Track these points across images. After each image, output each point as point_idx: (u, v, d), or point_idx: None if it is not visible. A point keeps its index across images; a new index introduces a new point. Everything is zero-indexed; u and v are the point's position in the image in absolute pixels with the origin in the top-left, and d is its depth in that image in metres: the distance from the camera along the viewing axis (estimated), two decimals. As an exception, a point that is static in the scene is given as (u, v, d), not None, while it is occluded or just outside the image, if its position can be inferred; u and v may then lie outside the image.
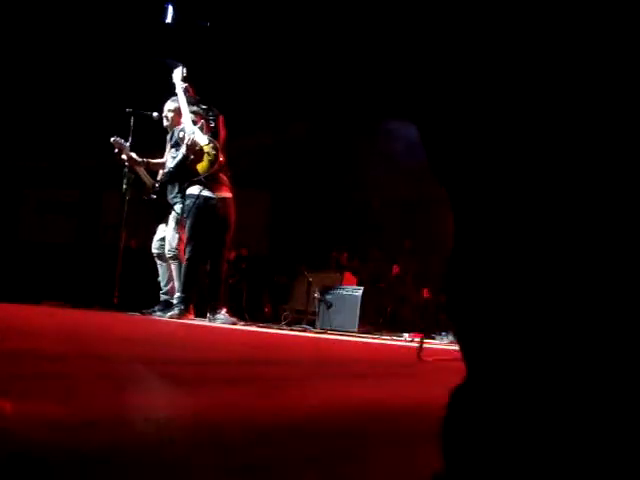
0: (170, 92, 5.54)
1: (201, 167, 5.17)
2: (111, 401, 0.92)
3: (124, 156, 5.55)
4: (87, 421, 0.77)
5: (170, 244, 5.54)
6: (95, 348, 1.92)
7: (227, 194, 5.35)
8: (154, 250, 5.71)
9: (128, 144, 5.57)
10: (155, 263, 5.73)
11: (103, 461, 0.61)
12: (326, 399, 1.22)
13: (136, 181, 5.75)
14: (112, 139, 5.54)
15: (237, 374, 1.56)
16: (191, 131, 5.20)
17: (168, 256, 5.54)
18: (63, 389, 0.99)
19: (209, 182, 5.22)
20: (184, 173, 5.31)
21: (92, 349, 1.87)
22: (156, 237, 5.75)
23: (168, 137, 5.74)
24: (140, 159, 5.65)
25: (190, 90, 5.41)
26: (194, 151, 5.17)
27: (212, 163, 5.15)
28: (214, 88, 8.65)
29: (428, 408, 1.26)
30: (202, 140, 5.15)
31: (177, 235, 5.53)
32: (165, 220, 5.67)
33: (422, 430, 0.99)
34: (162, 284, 5.68)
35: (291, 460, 0.69)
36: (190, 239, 5.25)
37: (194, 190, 5.25)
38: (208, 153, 5.16)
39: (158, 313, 5.32)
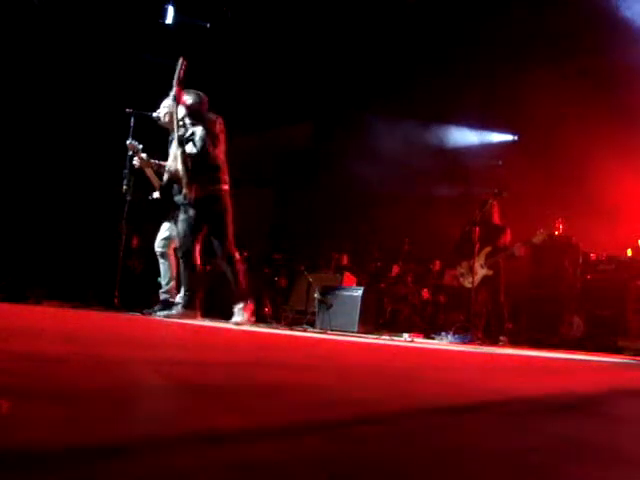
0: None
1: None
2: (112, 401, 0.92)
3: (137, 159, 5.57)
4: (87, 421, 0.77)
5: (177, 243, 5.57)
6: (95, 348, 1.92)
7: (220, 188, 5.33)
8: (157, 248, 5.72)
9: (141, 146, 5.61)
10: (157, 262, 5.75)
11: (103, 461, 0.61)
12: (326, 398, 1.22)
13: (137, 182, 5.76)
14: (128, 142, 5.58)
15: (236, 374, 1.56)
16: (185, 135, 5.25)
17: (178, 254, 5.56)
18: (63, 389, 0.99)
19: (202, 179, 5.23)
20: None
21: (92, 349, 1.87)
22: (160, 236, 5.75)
23: (170, 138, 5.75)
24: (152, 160, 5.69)
25: (180, 96, 5.32)
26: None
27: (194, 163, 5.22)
28: (217, 88, 8.65)
29: (428, 408, 1.26)
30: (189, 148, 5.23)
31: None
32: (168, 218, 5.69)
33: (423, 430, 0.99)
34: (163, 283, 5.69)
35: (292, 460, 0.69)
36: (183, 235, 5.26)
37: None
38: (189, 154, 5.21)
39: (158, 313, 5.32)
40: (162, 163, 5.69)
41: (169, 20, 8.49)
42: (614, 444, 1.04)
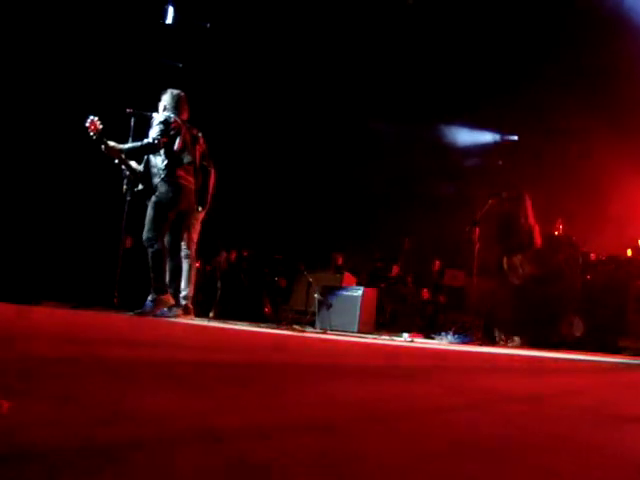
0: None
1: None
2: (111, 401, 0.92)
3: (103, 146, 5.24)
4: (87, 421, 0.77)
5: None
6: (95, 348, 1.92)
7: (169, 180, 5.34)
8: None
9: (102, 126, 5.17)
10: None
11: (103, 461, 0.61)
12: (326, 398, 1.22)
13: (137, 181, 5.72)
14: (89, 119, 5.14)
15: (237, 374, 1.56)
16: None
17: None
18: (63, 389, 0.99)
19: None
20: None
21: (92, 349, 1.87)
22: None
23: None
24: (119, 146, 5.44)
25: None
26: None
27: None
28: (218, 90, 8.65)
29: (426, 408, 1.26)
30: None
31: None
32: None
33: (422, 430, 0.99)
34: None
35: (291, 460, 0.69)
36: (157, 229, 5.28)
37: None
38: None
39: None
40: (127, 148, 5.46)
41: (169, 20, 8.50)
42: (614, 443, 1.04)
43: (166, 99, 5.52)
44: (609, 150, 7.80)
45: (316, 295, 7.31)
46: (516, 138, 10.91)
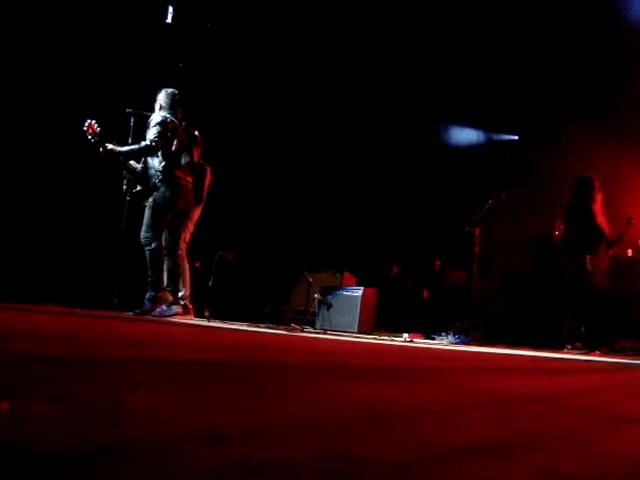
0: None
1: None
2: (112, 401, 0.92)
3: (101, 149, 5.33)
4: (88, 421, 0.77)
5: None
6: (95, 348, 1.92)
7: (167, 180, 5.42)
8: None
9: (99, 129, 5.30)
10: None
11: (103, 461, 0.61)
12: (325, 398, 1.22)
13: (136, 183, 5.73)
14: (87, 121, 5.26)
15: (237, 374, 1.56)
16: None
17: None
18: (64, 389, 0.99)
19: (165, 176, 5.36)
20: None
21: (92, 349, 1.87)
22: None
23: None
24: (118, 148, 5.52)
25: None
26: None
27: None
28: (218, 89, 8.64)
29: (426, 408, 1.26)
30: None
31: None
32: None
33: (422, 431, 0.99)
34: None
35: (291, 460, 0.69)
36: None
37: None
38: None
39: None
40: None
41: (169, 20, 8.51)
42: (614, 444, 1.04)
43: (162, 98, 5.55)
44: (608, 149, 7.80)
45: (316, 295, 7.31)
46: (516, 138, 10.93)
